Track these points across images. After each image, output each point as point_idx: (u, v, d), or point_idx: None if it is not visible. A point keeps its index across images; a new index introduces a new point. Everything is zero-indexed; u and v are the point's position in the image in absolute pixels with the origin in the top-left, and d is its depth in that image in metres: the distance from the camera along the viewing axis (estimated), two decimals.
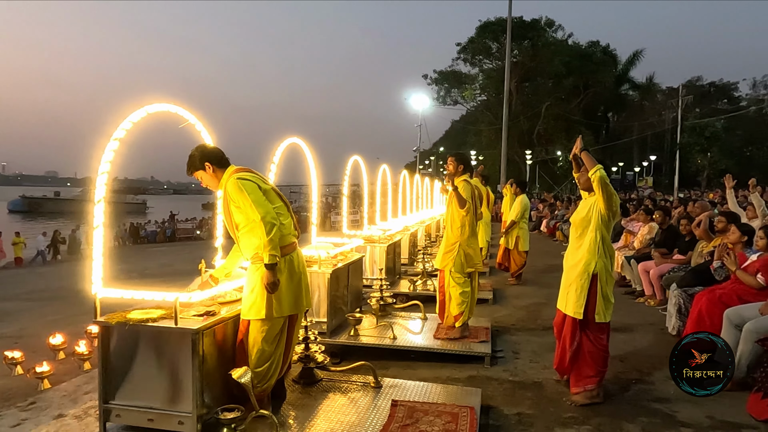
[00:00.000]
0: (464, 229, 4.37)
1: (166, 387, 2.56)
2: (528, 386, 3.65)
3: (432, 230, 11.12)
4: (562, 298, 3.41)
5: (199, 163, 2.81)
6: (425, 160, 51.09)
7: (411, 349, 4.19)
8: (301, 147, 4.49)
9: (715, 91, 43.49)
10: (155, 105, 2.76)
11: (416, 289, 6.16)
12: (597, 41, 41.15)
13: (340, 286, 4.46)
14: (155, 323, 2.51)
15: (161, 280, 10.01)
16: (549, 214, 16.09)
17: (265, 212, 2.61)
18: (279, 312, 2.72)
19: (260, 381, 2.73)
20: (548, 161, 39.91)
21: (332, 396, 3.18)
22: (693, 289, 4.58)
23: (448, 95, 41.59)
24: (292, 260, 2.82)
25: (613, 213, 3.26)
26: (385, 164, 8.21)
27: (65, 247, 20.34)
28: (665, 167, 41.18)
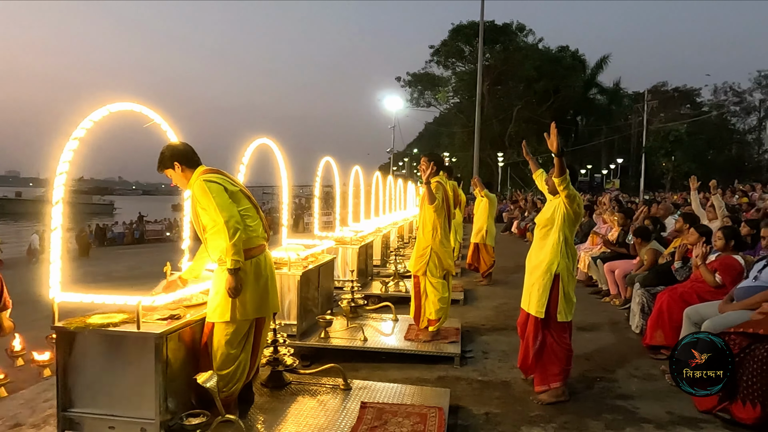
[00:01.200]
0: (436, 232, 4.39)
1: (128, 393, 2.49)
2: (496, 386, 3.70)
3: (405, 232, 11.16)
4: (525, 298, 3.47)
5: (169, 161, 2.77)
6: (399, 162, 51.27)
7: (382, 350, 4.20)
8: (270, 147, 4.45)
9: (678, 97, 44.90)
10: (118, 104, 2.68)
11: (388, 291, 6.17)
12: (566, 46, 42.09)
13: (311, 288, 4.43)
14: (116, 328, 2.45)
15: (128, 283, 9.76)
16: (520, 215, 16.34)
17: (230, 216, 2.57)
18: (244, 315, 2.69)
19: (226, 385, 2.69)
20: (520, 163, 40.54)
21: (301, 399, 3.16)
22: (655, 289, 4.72)
23: (422, 97, 41.88)
24: (258, 263, 2.79)
25: (576, 214, 3.33)
26: (357, 165, 8.20)
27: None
28: (631, 170, 42.35)
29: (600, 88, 42.99)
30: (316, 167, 6.11)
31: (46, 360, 4.14)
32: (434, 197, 4.29)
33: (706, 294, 4.10)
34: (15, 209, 49.77)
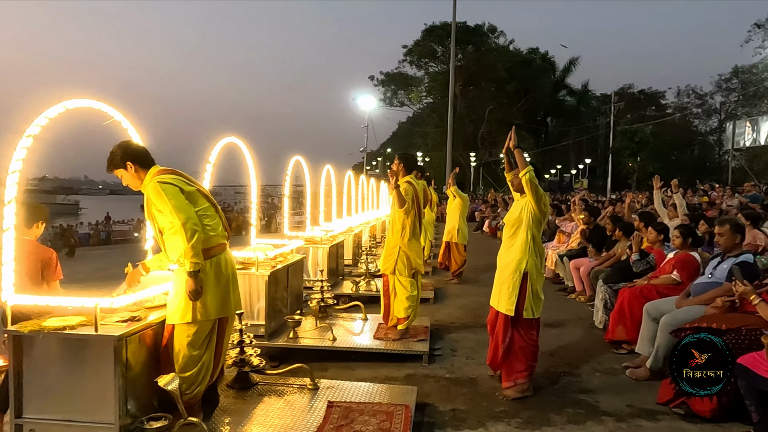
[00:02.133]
0: (405, 232, 4.42)
1: (87, 398, 2.43)
2: (463, 382, 3.74)
3: (377, 231, 11.18)
4: (495, 296, 3.53)
5: (120, 161, 2.67)
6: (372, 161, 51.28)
7: (351, 349, 4.20)
8: (239, 147, 4.40)
9: (644, 99, 46.18)
10: (75, 101, 2.61)
11: (359, 290, 6.17)
12: (537, 48, 42.85)
13: (279, 288, 4.39)
14: (73, 331, 2.38)
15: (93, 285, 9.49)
16: (491, 214, 16.55)
17: (187, 218, 2.50)
18: (205, 316, 2.64)
19: (189, 387, 2.64)
20: (491, 163, 41.08)
21: (268, 400, 3.13)
22: (617, 285, 4.85)
23: (395, 97, 42.00)
24: (219, 262, 2.74)
25: (543, 213, 3.40)
26: (328, 165, 8.18)
27: None
28: (599, 170, 43.36)
29: (569, 89, 43.91)
30: (286, 166, 6.07)
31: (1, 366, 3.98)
32: (404, 201, 4.33)
33: (665, 290, 4.24)
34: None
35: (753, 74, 33.57)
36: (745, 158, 32.02)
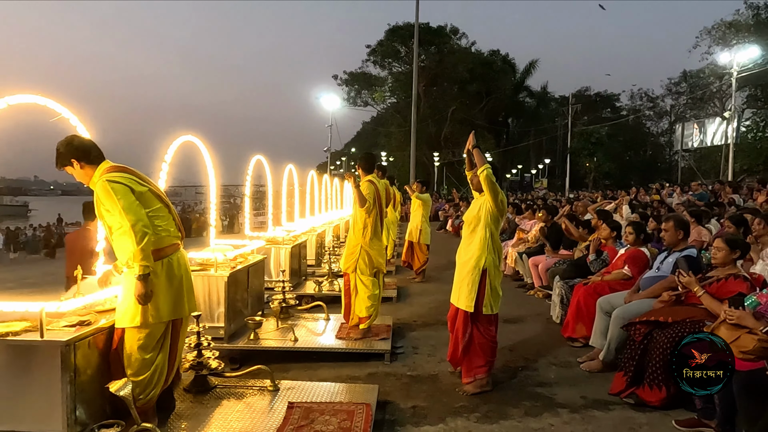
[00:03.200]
0: (366, 231, 4.43)
1: (33, 406, 2.33)
2: (424, 379, 3.78)
3: (340, 231, 11.13)
4: (455, 293, 3.58)
5: (66, 158, 2.58)
6: (337, 161, 51.08)
7: (312, 350, 4.18)
8: (196, 145, 4.30)
9: (600, 101, 47.71)
10: (17, 96, 2.50)
11: (322, 290, 6.13)
12: (497, 50, 43.56)
13: (239, 290, 4.32)
14: (17, 337, 2.28)
15: (43, 290, 9.07)
16: (454, 213, 16.76)
17: (136, 219, 2.43)
18: (157, 318, 2.58)
19: (143, 392, 2.57)
20: (454, 163, 41.58)
21: (226, 403, 3.08)
22: (573, 281, 5.00)
23: (359, 96, 41.87)
24: (171, 262, 2.67)
25: (500, 210, 3.47)
26: (291, 164, 8.10)
27: None
28: (558, 169, 44.57)
29: (529, 91, 44.90)
30: (247, 166, 5.98)
31: None
32: (365, 200, 4.34)
33: (616, 285, 4.40)
34: None
35: (700, 78, 35.20)
36: (693, 158, 33.58)
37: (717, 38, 30.15)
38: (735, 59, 20.24)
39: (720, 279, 3.26)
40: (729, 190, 10.86)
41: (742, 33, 28.02)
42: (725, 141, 25.74)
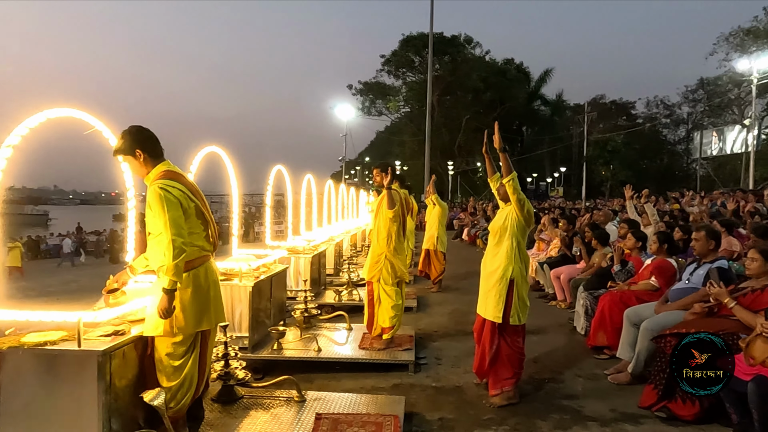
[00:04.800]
0: (390, 240, 4.42)
1: (69, 415, 2.35)
2: (449, 391, 3.75)
3: (357, 240, 11.16)
4: (481, 304, 3.55)
5: (130, 147, 2.56)
6: (351, 170, 51.30)
7: (336, 360, 4.17)
8: (220, 156, 4.36)
9: (615, 109, 47.38)
10: (56, 110, 2.56)
11: (342, 300, 6.14)
12: (512, 59, 43.62)
13: (263, 299, 4.34)
14: (55, 346, 2.31)
15: (65, 298, 9.21)
16: (470, 222, 16.70)
17: (178, 235, 2.43)
18: (181, 329, 2.57)
19: (173, 400, 2.57)
20: (469, 172, 41.54)
21: (254, 413, 3.08)
22: (597, 291, 4.94)
23: (373, 106, 42.14)
24: (198, 274, 2.65)
25: (527, 220, 3.45)
26: (309, 174, 8.15)
27: None
28: (574, 178, 44.26)
29: (543, 99, 44.78)
30: (267, 175, 6.02)
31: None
32: (394, 202, 4.34)
33: (644, 295, 4.33)
34: None
35: (718, 86, 34.79)
36: (712, 167, 33.11)
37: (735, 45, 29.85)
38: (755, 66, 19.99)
39: (755, 290, 3.19)
40: (752, 198, 10.67)
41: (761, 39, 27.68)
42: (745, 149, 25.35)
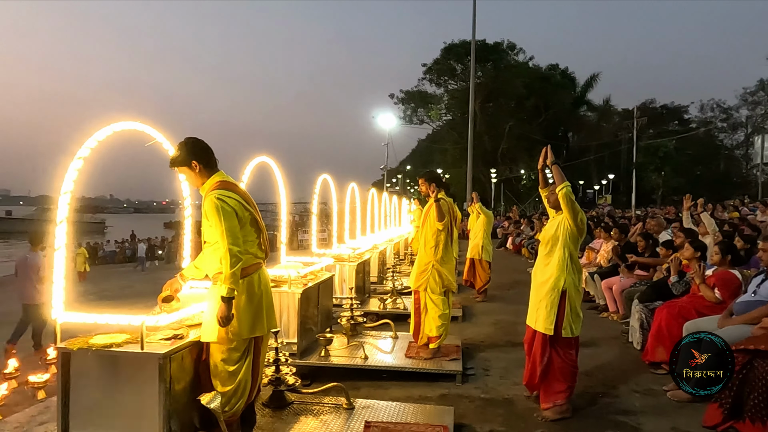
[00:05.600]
0: (437, 249, 4.40)
1: (131, 415, 2.45)
2: (499, 403, 3.67)
3: (400, 248, 11.16)
4: (531, 315, 3.47)
5: (187, 158, 2.66)
6: (392, 179, 51.49)
7: (383, 368, 4.16)
8: (270, 165, 4.47)
9: (666, 114, 45.63)
10: (122, 123, 2.69)
11: (386, 308, 6.14)
12: (556, 64, 42.78)
13: (311, 306, 4.40)
14: (120, 348, 2.42)
15: (121, 302, 9.64)
16: (515, 231, 16.39)
17: (234, 244, 2.50)
18: (235, 335, 2.62)
19: (227, 404, 2.63)
20: (512, 179, 40.86)
21: (304, 419, 3.12)
22: (653, 304, 4.74)
23: (415, 114, 42.22)
24: (252, 282, 2.70)
25: (579, 230, 3.35)
26: (353, 182, 8.24)
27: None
28: (622, 185, 42.78)
29: (590, 105, 43.62)
30: (314, 184, 6.13)
31: (41, 382, 4.06)
32: (443, 214, 4.33)
33: (704, 309, 4.12)
34: (5, 228, 49.29)
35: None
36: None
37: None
38: None
39: None
40: None
41: None
42: None
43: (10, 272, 20.52)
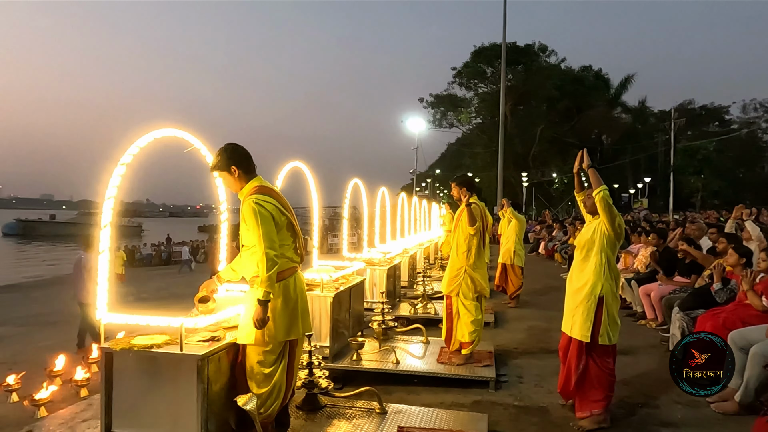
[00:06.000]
0: (470, 253, 4.35)
1: (170, 414, 2.51)
2: (533, 411, 3.61)
3: (430, 252, 11.11)
4: (567, 321, 3.39)
5: (226, 164, 2.74)
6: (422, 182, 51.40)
7: (415, 373, 4.14)
8: (302, 170, 4.53)
9: (706, 114, 44.16)
10: (162, 130, 2.77)
11: (417, 312, 6.12)
12: (589, 66, 42.01)
13: (342, 310, 4.42)
14: (160, 349, 2.48)
15: (157, 304, 9.90)
16: (547, 236, 16.11)
17: (270, 248, 2.55)
18: (272, 338, 2.67)
19: (262, 405, 2.67)
20: (544, 183, 40.22)
21: (337, 422, 3.13)
22: (695, 312, 4.57)
23: (444, 118, 42.10)
24: (287, 285, 2.75)
25: (617, 234, 3.27)
26: (384, 187, 8.27)
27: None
28: (659, 189, 41.55)
29: (624, 107, 42.59)
30: (344, 189, 6.17)
31: (84, 380, 4.20)
32: (475, 219, 4.29)
33: (750, 318, 3.95)
34: (50, 231, 51.46)
35: None
36: None
37: None
38: None
39: None
40: None
41: None
42: None
43: (56, 273, 21.38)
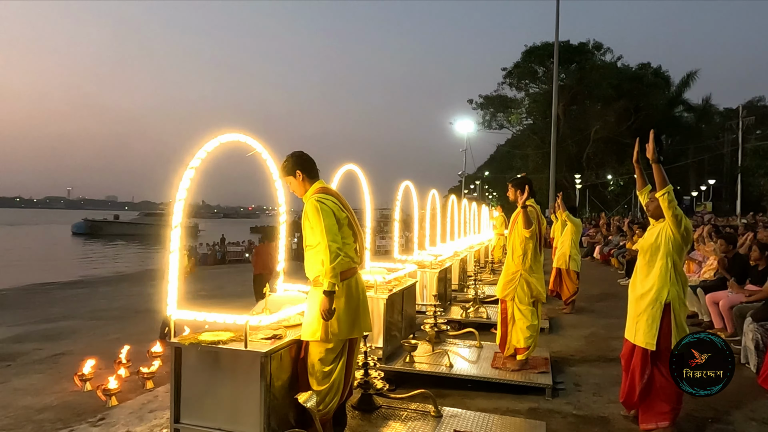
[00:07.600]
0: (525, 257, 4.27)
1: (234, 408, 2.60)
2: (594, 421, 3.49)
3: (481, 256, 10.97)
4: (630, 328, 3.27)
5: (292, 169, 2.93)
6: (470, 185, 50.83)
7: (468, 378, 4.10)
8: (355, 172, 4.58)
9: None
10: (227, 135, 2.89)
11: (468, 316, 6.06)
12: (648, 63, 40.07)
13: (395, 312, 4.44)
14: (226, 345, 2.58)
15: (213, 301, 10.28)
16: (602, 240, 15.54)
17: (333, 240, 2.66)
18: (335, 335, 2.74)
19: (321, 404, 2.73)
20: (598, 185, 38.80)
21: (392, 424, 3.15)
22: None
23: (494, 119, 41.39)
24: (350, 285, 2.83)
25: (684, 238, 3.12)
26: (434, 189, 8.23)
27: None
28: (725, 191, 39.20)
29: (686, 105, 40.41)
30: (395, 191, 6.20)
31: (151, 372, 4.42)
32: (530, 222, 4.21)
33: None
34: (114, 230, 54.58)
35: None
36: None
37: None
38: None
39: None
40: None
41: None
42: None
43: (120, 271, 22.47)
